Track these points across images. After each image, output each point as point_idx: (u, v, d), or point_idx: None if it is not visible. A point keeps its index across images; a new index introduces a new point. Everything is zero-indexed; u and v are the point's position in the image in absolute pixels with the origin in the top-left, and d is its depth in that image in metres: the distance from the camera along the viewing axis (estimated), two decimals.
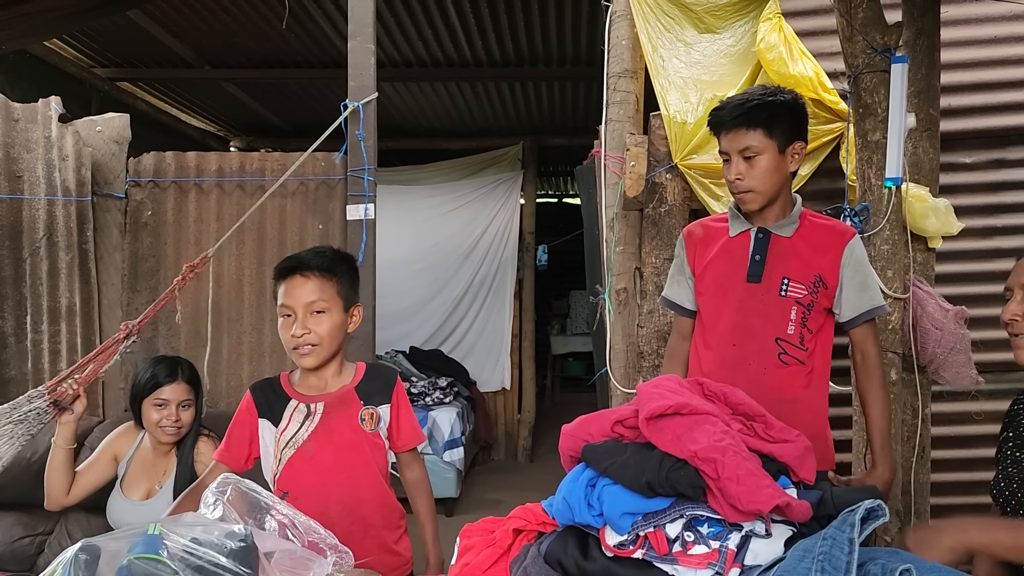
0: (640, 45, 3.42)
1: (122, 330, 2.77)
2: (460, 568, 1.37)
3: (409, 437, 2.22)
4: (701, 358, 2.39)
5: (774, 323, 2.23)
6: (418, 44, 5.68)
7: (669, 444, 1.19)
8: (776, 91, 2.22)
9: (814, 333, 2.24)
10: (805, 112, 2.27)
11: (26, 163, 3.60)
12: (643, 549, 1.19)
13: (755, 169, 2.18)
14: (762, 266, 2.25)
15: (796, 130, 2.21)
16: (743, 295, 2.27)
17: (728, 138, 2.21)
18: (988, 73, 3.36)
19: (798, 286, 2.22)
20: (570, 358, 10.52)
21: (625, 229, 3.48)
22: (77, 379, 2.63)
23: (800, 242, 2.25)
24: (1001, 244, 3.34)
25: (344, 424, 2.11)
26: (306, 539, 1.63)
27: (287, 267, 2.08)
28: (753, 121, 2.16)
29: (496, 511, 1.45)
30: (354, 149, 3.61)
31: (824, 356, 2.30)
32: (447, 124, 7.77)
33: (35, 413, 2.55)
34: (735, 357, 2.27)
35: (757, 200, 2.22)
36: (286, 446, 2.10)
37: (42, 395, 2.57)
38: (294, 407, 2.13)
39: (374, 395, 2.17)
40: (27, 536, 3.02)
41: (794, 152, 2.21)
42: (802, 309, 2.22)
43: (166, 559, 1.19)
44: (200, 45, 5.75)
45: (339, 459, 2.09)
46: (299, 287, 2.04)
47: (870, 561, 1.02)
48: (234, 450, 2.16)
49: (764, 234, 2.27)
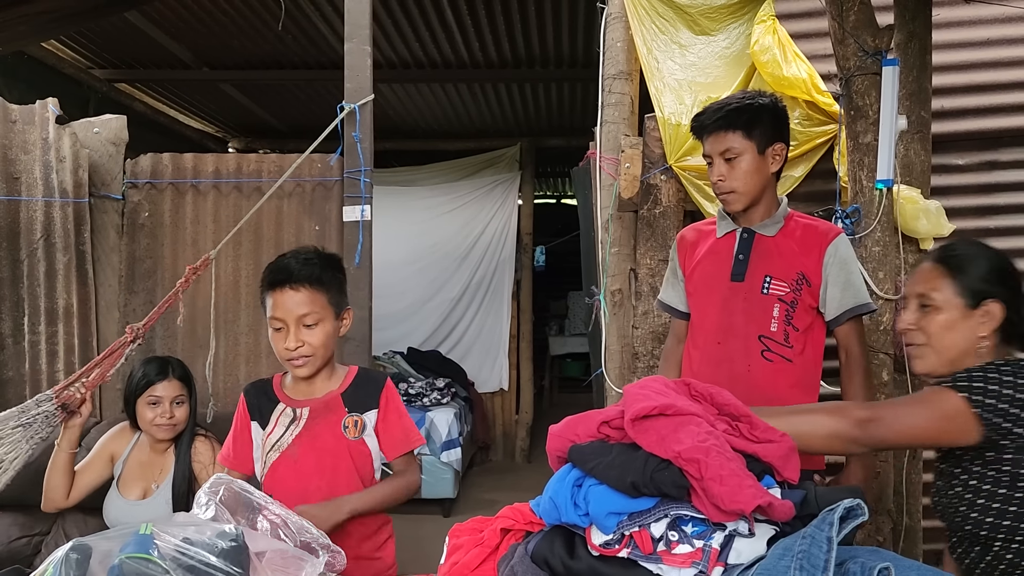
0: (635, 47, 3.44)
1: (128, 333, 2.78)
2: (449, 567, 1.38)
3: (397, 443, 2.16)
4: (691, 358, 2.44)
5: (757, 321, 2.28)
6: (415, 45, 5.70)
7: (654, 445, 1.21)
8: (755, 95, 2.29)
9: (800, 331, 2.27)
10: (785, 114, 2.31)
11: (23, 164, 3.61)
12: (628, 548, 1.20)
13: (736, 170, 2.24)
14: (745, 265, 2.30)
15: (776, 132, 2.27)
16: (727, 294, 2.32)
17: (710, 141, 2.28)
18: (980, 75, 3.38)
19: (780, 284, 2.26)
20: (568, 359, 10.52)
21: (620, 230, 3.49)
22: (84, 383, 2.63)
23: (784, 241, 2.30)
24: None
25: (327, 431, 2.11)
26: (298, 539, 1.65)
27: (277, 280, 2.05)
28: (732, 124, 2.23)
29: (493, 511, 1.46)
30: (351, 151, 3.62)
31: (815, 356, 2.33)
32: (444, 125, 7.78)
33: (43, 416, 2.55)
34: (720, 355, 2.32)
35: (740, 200, 2.28)
36: (271, 449, 2.11)
37: (50, 399, 2.57)
38: (281, 411, 2.14)
39: (360, 402, 2.15)
40: (24, 536, 3.03)
41: (775, 153, 2.27)
42: (785, 307, 2.25)
43: (157, 559, 1.21)
44: (197, 46, 5.77)
45: (320, 465, 2.08)
46: (290, 300, 2.02)
47: (850, 559, 1.04)
48: (240, 455, 2.18)
49: (748, 234, 2.33)
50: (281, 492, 2.02)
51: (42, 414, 2.55)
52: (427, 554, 3.93)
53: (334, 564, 1.63)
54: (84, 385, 2.62)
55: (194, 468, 2.73)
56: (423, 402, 6.24)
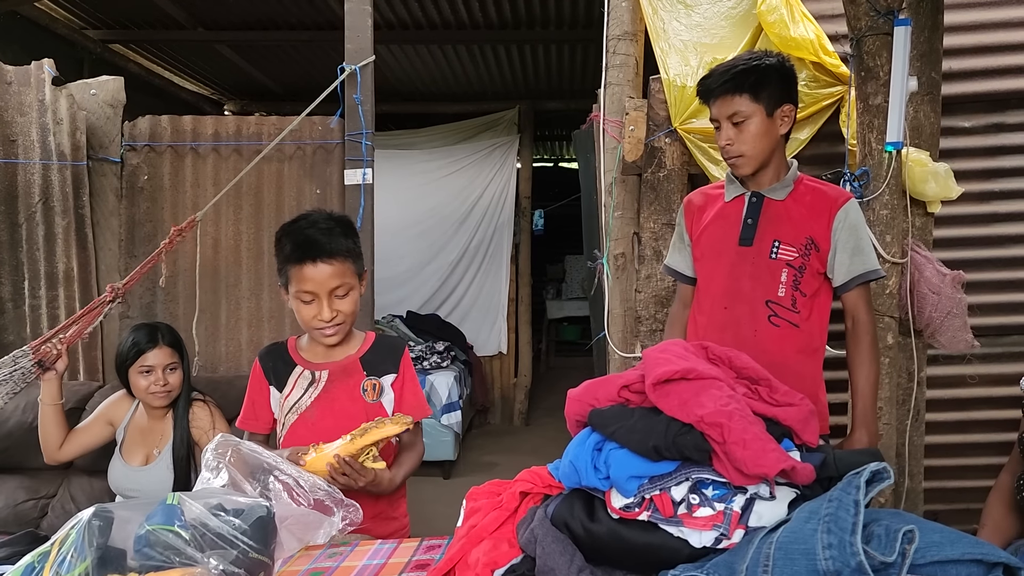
0: (640, 7, 3.39)
1: (108, 292, 2.85)
2: (467, 530, 1.39)
3: (412, 410, 2.17)
4: (697, 323, 2.43)
5: (764, 285, 2.26)
6: (414, 6, 5.61)
7: (675, 409, 1.21)
8: (762, 55, 2.24)
9: (808, 296, 2.26)
10: (793, 75, 2.27)
11: (20, 127, 3.57)
12: (648, 511, 1.21)
13: (744, 134, 2.21)
14: (754, 229, 2.28)
15: (784, 93, 2.23)
16: (735, 258, 2.30)
17: (717, 104, 2.24)
18: (988, 36, 3.34)
19: (789, 249, 2.24)
20: (565, 323, 10.56)
21: (624, 194, 3.47)
22: (62, 339, 2.70)
23: (793, 205, 2.27)
24: (999, 208, 3.35)
25: (345, 394, 2.14)
26: (311, 497, 1.65)
27: (307, 254, 2.01)
28: (740, 86, 2.18)
29: (493, 474, 1.47)
30: (351, 113, 3.59)
31: (821, 321, 2.32)
32: (443, 88, 7.70)
33: (19, 372, 2.61)
34: (726, 319, 2.31)
35: (749, 164, 2.25)
36: (289, 411, 2.14)
37: (27, 355, 2.62)
38: (299, 373, 2.16)
39: (379, 366, 2.19)
40: (30, 499, 3.04)
41: (783, 115, 2.23)
42: (793, 271, 2.24)
43: (182, 530, 1.20)
44: (193, 6, 5.66)
45: (337, 427, 2.08)
46: (322, 272, 2.00)
47: (874, 522, 1.04)
48: (261, 416, 2.20)
49: (757, 198, 2.30)
50: None
51: (19, 370, 2.61)
52: (428, 516, 3.97)
53: (350, 518, 1.64)
54: (61, 341, 2.69)
55: (193, 433, 2.73)
56: (423, 365, 6.26)
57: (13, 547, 2.21)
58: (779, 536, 1.03)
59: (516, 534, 1.34)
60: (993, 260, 3.34)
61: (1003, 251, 3.34)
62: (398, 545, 1.66)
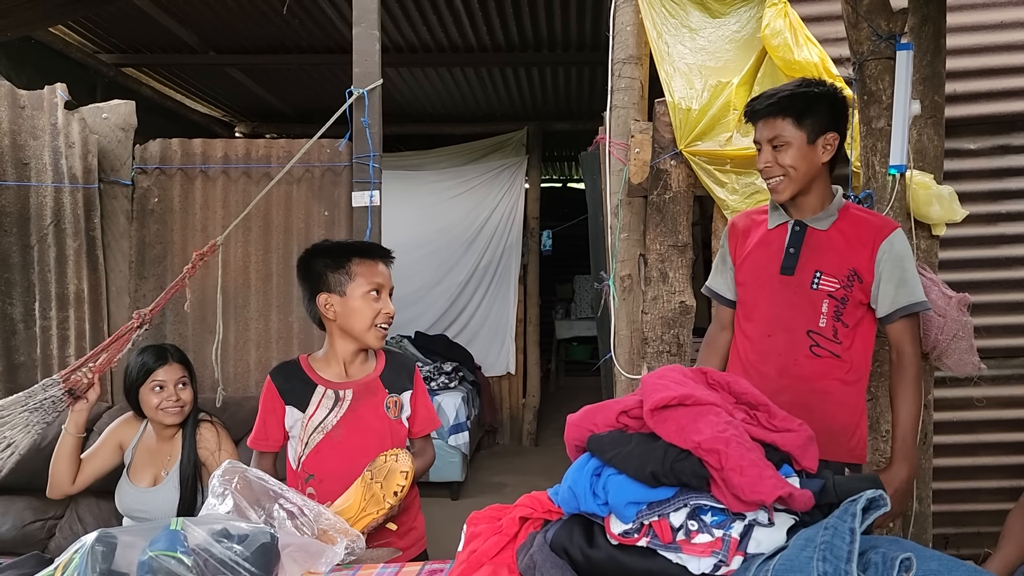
0: (645, 31, 3.41)
1: (135, 319, 2.79)
2: (467, 555, 1.39)
3: (425, 423, 2.34)
4: (740, 347, 2.43)
5: (806, 315, 2.24)
6: (423, 29, 5.67)
7: (673, 435, 1.21)
8: (813, 83, 2.24)
9: (850, 327, 2.24)
10: (844, 104, 2.26)
11: (33, 150, 3.61)
12: (647, 537, 1.21)
13: (783, 157, 2.20)
14: (796, 259, 2.26)
15: (831, 121, 2.22)
16: (777, 287, 2.29)
17: (760, 127, 2.25)
18: (994, 59, 3.35)
19: (830, 280, 2.22)
20: (574, 343, 10.55)
21: (630, 216, 3.48)
22: (91, 368, 2.64)
23: (837, 235, 2.25)
24: (1005, 230, 3.35)
25: (371, 412, 2.21)
26: (315, 526, 1.66)
27: (372, 252, 2.23)
28: (783, 110, 2.19)
29: (501, 495, 1.47)
30: (359, 136, 3.62)
31: (865, 350, 2.30)
32: (452, 109, 7.75)
33: (50, 401, 2.57)
34: (770, 348, 2.30)
35: (786, 189, 2.23)
36: (315, 431, 2.18)
37: (57, 383, 2.58)
38: (322, 393, 2.21)
39: (396, 383, 2.29)
40: (38, 520, 3.05)
41: (826, 143, 2.21)
42: (835, 303, 2.22)
43: (185, 556, 1.21)
44: (204, 31, 5.74)
45: (364, 444, 2.16)
46: (386, 272, 2.24)
47: (871, 549, 1.04)
48: (272, 435, 2.25)
49: (800, 227, 2.29)
50: (325, 471, 2.16)
51: (49, 399, 2.57)
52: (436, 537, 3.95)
53: (354, 549, 1.64)
54: (91, 370, 2.63)
55: (200, 454, 2.74)
56: (431, 386, 6.26)
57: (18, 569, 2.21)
58: (775, 564, 1.03)
59: (516, 559, 1.34)
60: (1000, 282, 3.34)
61: (1010, 273, 3.34)
62: (400, 569, 1.67)
